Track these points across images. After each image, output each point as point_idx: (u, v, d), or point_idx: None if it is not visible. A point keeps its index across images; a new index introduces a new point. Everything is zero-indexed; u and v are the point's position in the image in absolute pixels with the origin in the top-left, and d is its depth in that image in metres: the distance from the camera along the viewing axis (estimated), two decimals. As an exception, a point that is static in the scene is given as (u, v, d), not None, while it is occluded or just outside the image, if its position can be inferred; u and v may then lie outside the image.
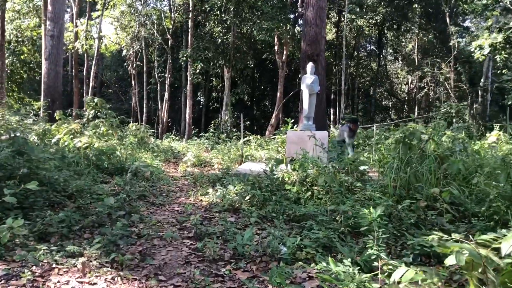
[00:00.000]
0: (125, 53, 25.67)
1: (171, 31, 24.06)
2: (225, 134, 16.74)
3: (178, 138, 18.12)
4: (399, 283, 2.22)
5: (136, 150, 10.45)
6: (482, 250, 2.11)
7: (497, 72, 18.78)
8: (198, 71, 20.03)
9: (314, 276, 2.80)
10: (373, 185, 5.16)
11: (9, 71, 20.42)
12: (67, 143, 7.76)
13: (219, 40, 20.42)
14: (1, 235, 3.09)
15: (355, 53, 29.29)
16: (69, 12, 26.42)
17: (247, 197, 5.01)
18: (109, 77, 32.90)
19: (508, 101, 12.69)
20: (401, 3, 23.76)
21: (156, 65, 25.91)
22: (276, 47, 20.69)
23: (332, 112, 28.10)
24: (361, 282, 2.33)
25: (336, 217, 4.00)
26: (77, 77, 19.74)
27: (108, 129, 9.82)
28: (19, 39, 21.09)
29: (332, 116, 27.57)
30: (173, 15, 24.61)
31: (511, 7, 12.78)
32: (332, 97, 28.36)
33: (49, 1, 13.18)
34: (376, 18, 24.29)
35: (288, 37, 19.60)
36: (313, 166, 5.72)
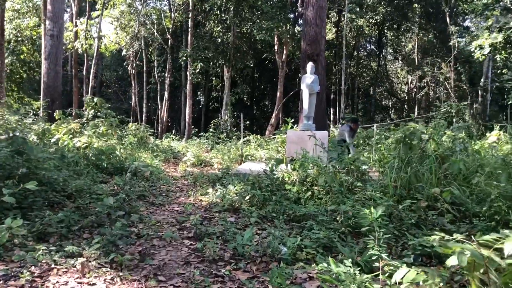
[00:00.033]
0: (124, 53, 25.64)
1: (171, 30, 24.04)
2: (225, 133, 16.73)
3: (177, 137, 18.12)
4: (400, 283, 2.20)
5: (135, 150, 10.45)
6: (484, 250, 2.09)
7: (497, 72, 18.79)
8: (198, 70, 20.01)
9: (314, 276, 2.79)
10: (374, 185, 5.14)
11: (8, 71, 20.39)
12: (66, 142, 7.75)
13: (219, 39, 20.40)
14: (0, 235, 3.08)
15: (355, 53, 29.29)
16: (69, 11, 26.40)
17: (247, 197, 5.00)
18: (109, 76, 32.87)
19: (508, 101, 12.68)
20: (401, 2, 23.74)
21: (155, 65, 25.89)
22: (276, 47, 20.68)
23: (332, 112, 28.10)
24: (362, 282, 2.32)
25: (336, 217, 3.98)
26: (76, 76, 19.71)
27: (107, 129, 9.82)
28: (19, 38, 21.05)
29: (332, 116, 27.57)
30: (172, 15, 24.58)
31: (511, 7, 12.77)
32: (332, 97, 28.37)
33: (49, 1, 13.15)
34: (376, 17, 24.28)
35: (288, 37, 19.58)
36: (313, 166, 5.71)
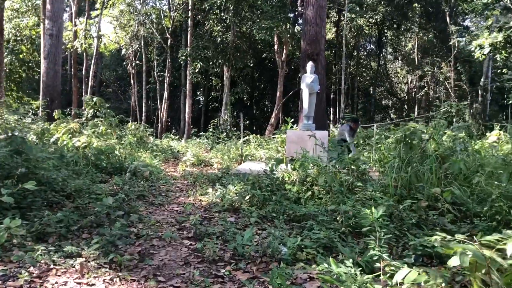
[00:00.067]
0: (124, 52, 25.63)
1: (171, 30, 24.01)
2: (225, 133, 16.71)
3: (177, 137, 18.10)
4: (401, 284, 2.19)
5: (135, 149, 10.43)
6: (486, 251, 2.08)
7: (497, 71, 18.80)
8: (197, 70, 19.99)
9: (315, 277, 2.78)
10: (374, 184, 5.13)
11: (7, 70, 20.35)
12: (65, 142, 7.73)
13: (219, 39, 20.38)
14: (-2, 236, 3.06)
15: (355, 53, 29.28)
16: (68, 11, 26.35)
17: (247, 197, 4.98)
18: (108, 76, 32.84)
19: (508, 100, 12.68)
20: (401, 2, 23.74)
21: (155, 64, 25.87)
22: (275, 46, 20.66)
23: (331, 111, 28.09)
24: (363, 283, 2.30)
25: (336, 217, 3.97)
26: (76, 76, 19.70)
27: (107, 129, 9.81)
28: (18, 38, 21.01)
29: (331, 115, 27.56)
30: (172, 14, 24.56)
31: (511, 6, 12.76)
32: (331, 97, 28.36)
33: (48, 0, 13.12)
34: (376, 17, 24.27)
35: (287, 36, 19.56)
36: (313, 165, 5.69)
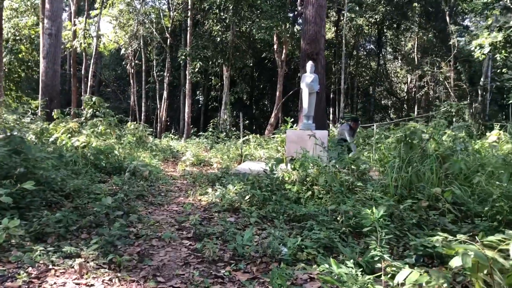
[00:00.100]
0: (123, 52, 25.59)
1: (170, 29, 23.99)
2: (224, 133, 16.70)
3: (177, 137, 18.10)
4: (402, 285, 2.17)
5: (134, 149, 10.41)
6: (488, 251, 2.07)
7: (497, 71, 18.80)
8: (197, 70, 19.98)
9: (315, 277, 2.76)
10: (374, 184, 5.11)
11: (6, 70, 20.31)
12: (64, 142, 7.71)
13: (218, 38, 20.36)
14: (-4, 236, 3.04)
15: (355, 52, 29.28)
16: (67, 10, 26.29)
17: (247, 197, 4.96)
18: (108, 76, 32.82)
19: (508, 100, 12.68)
20: (400, 2, 23.75)
21: (154, 64, 25.85)
22: (275, 46, 20.65)
23: (331, 111, 28.09)
24: (364, 284, 2.29)
25: (337, 217, 3.95)
26: (75, 75, 19.66)
27: (106, 128, 9.79)
28: (17, 37, 20.97)
29: (331, 115, 27.56)
30: (171, 14, 24.53)
31: (511, 6, 12.75)
32: (331, 96, 28.37)
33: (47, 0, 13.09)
34: (375, 17, 24.28)
35: (287, 36, 19.55)
36: (313, 165, 5.68)
